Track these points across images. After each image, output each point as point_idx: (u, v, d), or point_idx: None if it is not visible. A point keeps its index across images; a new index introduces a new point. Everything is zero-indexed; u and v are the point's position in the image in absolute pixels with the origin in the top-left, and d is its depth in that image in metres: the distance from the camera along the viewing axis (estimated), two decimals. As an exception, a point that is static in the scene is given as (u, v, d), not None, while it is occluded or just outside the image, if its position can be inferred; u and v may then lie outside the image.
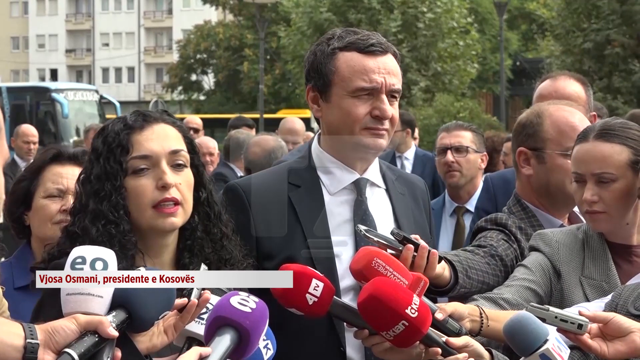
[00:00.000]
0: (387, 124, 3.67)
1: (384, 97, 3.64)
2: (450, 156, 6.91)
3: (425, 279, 3.30)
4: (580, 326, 3.16)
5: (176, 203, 3.20)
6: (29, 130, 12.70)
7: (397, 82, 3.68)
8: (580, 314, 3.20)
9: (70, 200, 4.33)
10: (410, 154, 12.17)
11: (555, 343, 3.03)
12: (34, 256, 4.34)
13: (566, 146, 4.17)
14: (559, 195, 4.25)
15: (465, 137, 6.96)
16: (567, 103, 4.46)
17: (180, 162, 3.25)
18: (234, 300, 2.65)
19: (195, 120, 13.66)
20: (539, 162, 4.29)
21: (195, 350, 2.61)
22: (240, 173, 9.28)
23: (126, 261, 3.08)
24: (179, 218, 3.23)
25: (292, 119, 11.16)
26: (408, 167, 12.01)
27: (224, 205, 3.48)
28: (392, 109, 3.66)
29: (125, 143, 3.19)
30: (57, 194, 4.36)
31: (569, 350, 3.10)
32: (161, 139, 3.24)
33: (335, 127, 3.72)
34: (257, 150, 8.46)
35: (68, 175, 4.38)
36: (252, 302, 2.66)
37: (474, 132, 7.07)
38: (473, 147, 6.92)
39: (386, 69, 3.65)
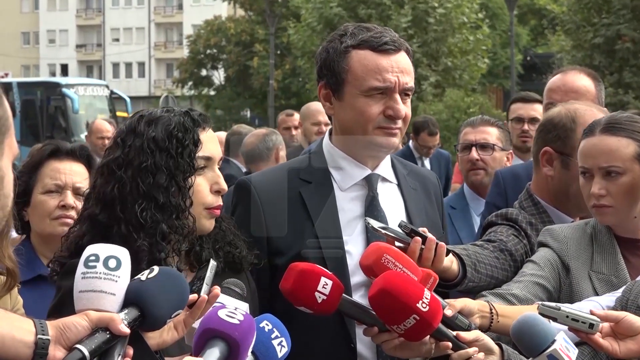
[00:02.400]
0: (399, 123, 3.66)
1: (397, 96, 3.63)
2: (474, 153, 6.55)
3: (435, 275, 3.30)
4: (591, 325, 3.15)
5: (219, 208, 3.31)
6: (103, 125, 12.33)
7: (409, 80, 3.67)
8: (592, 312, 3.19)
9: (68, 195, 4.34)
10: None
11: (563, 343, 3.03)
12: (34, 251, 4.34)
13: None
14: (578, 201, 4.20)
15: (492, 134, 6.60)
16: (598, 108, 4.39)
17: (219, 167, 3.35)
18: (222, 313, 2.64)
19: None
20: (563, 167, 4.25)
21: None
22: (244, 168, 9.30)
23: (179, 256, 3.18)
24: None
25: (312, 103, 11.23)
26: (427, 165, 12.06)
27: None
28: (405, 108, 3.66)
29: (197, 139, 3.23)
30: (55, 190, 4.36)
31: (577, 350, 3.10)
32: (216, 141, 3.33)
33: (348, 125, 3.71)
34: (252, 139, 8.71)
35: (66, 170, 4.39)
36: (240, 314, 2.66)
37: (500, 128, 6.71)
38: (499, 144, 6.57)
39: (399, 68, 3.64)
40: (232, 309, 2.68)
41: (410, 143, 12.53)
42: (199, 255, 3.33)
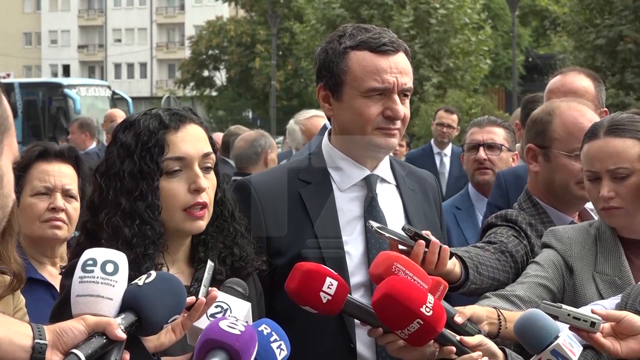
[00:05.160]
0: (398, 124, 3.66)
1: (396, 97, 3.63)
2: (482, 153, 6.53)
3: (445, 283, 3.30)
4: (593, 324, 3.15)
5: (204, 206, 3.21)
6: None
7: (408, 81, 3.67)
8: (593, 312, 3.19)
9: (58, 198, 4.31)
10: (448, 150, 12.18)
11: (567, 339, 3.03)
12: (24, 255, 4.28)
13: (572, 147, 4.18)
14: (564, 194, 4.26)
15: (499, 134, 6.59)
16: (580, 101, 4.45)
17: (209, 165, 3.26)
18: (223, 324, 2.63)
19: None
20: (545, 160, 4.30)
21: None
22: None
23: (150, 262, 3.09)
24: (205, 221, 3.24)
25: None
26: (447, 163, 12.02)
27: (237, 203, 3.47)
28: (403, 109, 3.65)
29: (162, 143, 3.17)
30: (44, 192, 4.32)
31: (581, 348, 3.10)
32: (194, 140, 3.23)
33: (347, 126, 3.71)
34: (242, 144, 8.80)
35: (55, 172, 4.35)
36: (241, 325, 2.65)
37: (506, 129, 6.70)
38: (506, 144, 6.57)
39: (398, 69, 3.63)
40: (234, 320, 2.68)
41: (432, 141, 12.52)
42: (202, 261, 3.26)
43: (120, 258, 2.65)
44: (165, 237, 3.19)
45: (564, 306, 3.16)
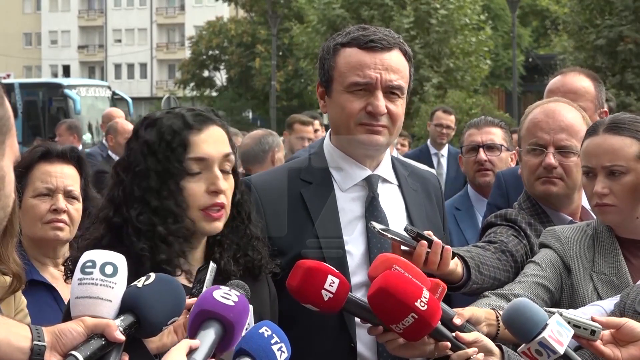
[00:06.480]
0: (383, 120, 3.66)
1: (379, 93, 3.63)
2: (483, 154, 6.48)
3: (444, 285, 3.32)
4: (593, 332, 3.15)
5: (222, 208, 3.24)
6: (129, 127, 11.70)
7: (396, 79, 3.66)
8: (593, 319, 3.18)
9: (60, 199, 4.30)
10: (445, 151, 12.15)
11: (555, 328, 3.03)
12: (26, 256, 4.27)
13: (528, 142, 4.25)
14: (530, 191, 4.31)
15: (497, 134, 6.57)
16: (557, 99, 4.46)
17: (228, 166, 3.28)
18: (217, 294, 2.64)
19: None
20: (519, 160, 4.40)
21: (185, 343, 2.58)
22: None
23: (186, 261, 3.18)
24: (222, 222, 3.26)
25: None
26: (444, 164, 11.99)
27: (254, 207, 3.49)
28: (392, 105, 3.65)
29: (185, 142, 3.19)
30: (46, 193, 4.32)
31: (572, 332, 3.09)
32: (215, 142, 3.26)
33: (335, 123, 3.76)
34: (248, 141, 8.84)
35: (57, 173, 4.34)
36: (234, 295, 2.66)
37: (504, 128, 6.69)
38: (505, 144, 6.54)
39: (384, 65, 3.64)
40: (227, 290, 2.68)
41: (429, 141, 12.49)
42: (217, 263, 3.28)
43: (119, 260, 2.64)
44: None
45: (564, 313, 3.16)
